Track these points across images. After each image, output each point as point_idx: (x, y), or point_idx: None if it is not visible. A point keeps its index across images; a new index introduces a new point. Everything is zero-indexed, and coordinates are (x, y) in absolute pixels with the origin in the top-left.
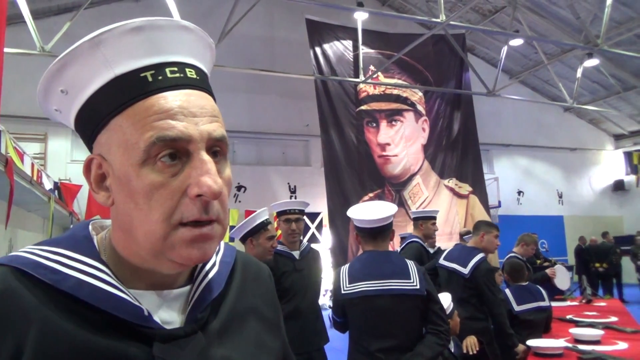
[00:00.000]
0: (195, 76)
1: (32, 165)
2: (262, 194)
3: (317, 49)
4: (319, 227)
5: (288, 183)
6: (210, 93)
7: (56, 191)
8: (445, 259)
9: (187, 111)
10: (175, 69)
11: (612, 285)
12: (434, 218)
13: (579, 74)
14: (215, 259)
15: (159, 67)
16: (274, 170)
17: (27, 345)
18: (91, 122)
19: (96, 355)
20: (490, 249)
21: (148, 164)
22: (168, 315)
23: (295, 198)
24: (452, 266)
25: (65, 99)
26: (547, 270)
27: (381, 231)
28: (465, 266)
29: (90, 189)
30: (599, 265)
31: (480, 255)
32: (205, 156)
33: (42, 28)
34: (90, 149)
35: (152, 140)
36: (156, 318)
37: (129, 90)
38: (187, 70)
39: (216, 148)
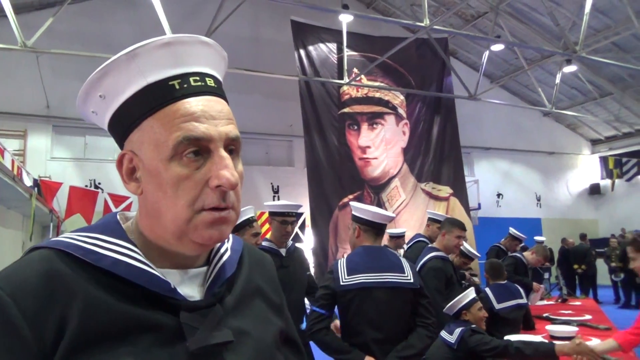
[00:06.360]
0: (213, 84)
1: (13, 161)
2: (245, 193)
3: (302, 51)
4: (302, 227)
5: (271, 183)
6: (225, 98)
7: (36, 188)
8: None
9: (208, 114)
10: (198, 78)
11: (592, 285)
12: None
13: (557, 79)
14: (227, 246)
15: (184, 77)
16: (257, 169)
17: (72, 316)
18: (125, 122)
19: (132, 323)
20: (450, 248)
21: (175, 159)
22: (189, 290)
23: (278, 198)
24: None
25: (102, 102)
26: (535, 286)
27: (383, 228)
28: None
29: (122, 180)
30: (577, 266)
31: (430, 255)
32: (224, 153)
33: (24, 23)
34: (121, 146)
35: (179, 139)
36: (180, 292)
37: (159, 96)
38: (207, 79)
39: (232, 146)
